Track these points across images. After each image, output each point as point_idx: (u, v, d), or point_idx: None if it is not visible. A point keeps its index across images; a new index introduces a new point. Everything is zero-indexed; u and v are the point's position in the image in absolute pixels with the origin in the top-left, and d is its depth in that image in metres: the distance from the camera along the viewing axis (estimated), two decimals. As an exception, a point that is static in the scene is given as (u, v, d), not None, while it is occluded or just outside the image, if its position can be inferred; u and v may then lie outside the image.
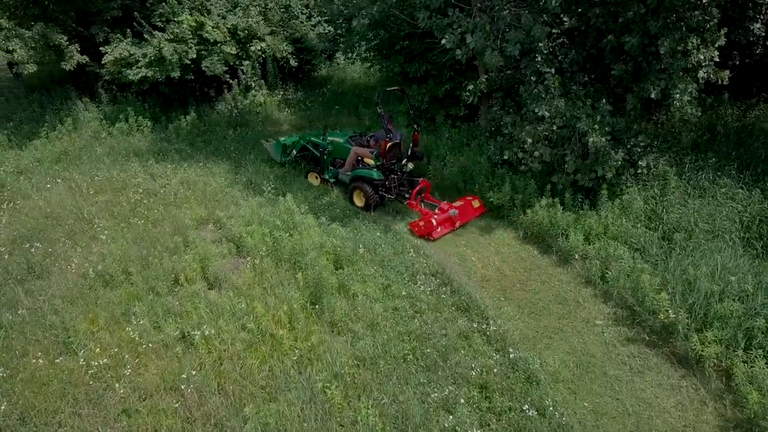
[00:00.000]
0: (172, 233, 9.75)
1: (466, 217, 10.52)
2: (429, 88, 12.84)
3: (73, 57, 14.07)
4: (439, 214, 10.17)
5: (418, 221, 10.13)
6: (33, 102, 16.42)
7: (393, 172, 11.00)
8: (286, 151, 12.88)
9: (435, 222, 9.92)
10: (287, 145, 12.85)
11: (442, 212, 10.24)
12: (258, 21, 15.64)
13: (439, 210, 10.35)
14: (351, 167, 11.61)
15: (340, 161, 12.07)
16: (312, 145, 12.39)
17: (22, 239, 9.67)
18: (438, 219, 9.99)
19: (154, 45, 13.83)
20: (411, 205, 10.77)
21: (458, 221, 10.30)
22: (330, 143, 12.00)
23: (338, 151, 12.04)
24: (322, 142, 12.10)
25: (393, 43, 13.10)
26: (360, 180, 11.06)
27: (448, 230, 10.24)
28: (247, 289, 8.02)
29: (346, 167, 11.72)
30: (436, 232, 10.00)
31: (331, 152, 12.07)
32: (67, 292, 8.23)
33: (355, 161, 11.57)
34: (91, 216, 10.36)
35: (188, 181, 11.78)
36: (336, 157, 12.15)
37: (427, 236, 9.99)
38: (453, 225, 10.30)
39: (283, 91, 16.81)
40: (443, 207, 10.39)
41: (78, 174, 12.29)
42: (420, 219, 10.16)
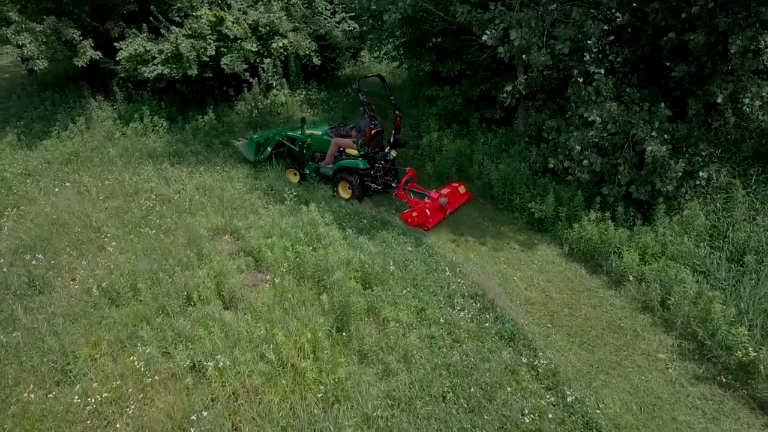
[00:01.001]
0: (186, 244, 9.07)
1: (454, 205, 10.47)
2: (463, 88, 12.04)
3: (86, 53, 13.48)
4: (431, 203, 10.06)
5: (410, 212, 10.05)
6: (45, 100, 15.88)
7: (377, 161, 10.93)
8: (260, 149, 12.41)
9: (429, 212, 9.89)
10: (261, 143, 12.40)
11: (433, 201, 10.11)
12: (280, 17, 14.93)
13: (429, 199, 10.21)
14: (333, 159, 11.39)
15: (318, 155, 11.77)
16: (289, 140, 12.04)
17: (24, 249, 9.05)
18: (431, 208, 9.94)
19: (171, 41, 13.18)
20: (399, 196, 10.72)
21: (448, 209, 10.25)
22: (309, 137, 11.66)
23: (317, 144, 11.72)
24: (300, 135, 11.74)
25: (424, 40, 12.30)
26: (345, 171, 10.97)
27: (440, 219, 10.17)
28: (267, 311, 7.28)
29: (328, 160, 11.47)
30: (430, 222, 9.95)
31: (311, 146, 11.70)
32: (69, 310, 7.59)
33: (337, 153, 11.34)
34: (99, 224, 9.71)
35: (204, 187, 11.10)
36: (315, 151, 11.81)
37: (421, 226, 9.93)
38: (444, 213, 10.24)
39: (305, 90, 16.06)
40: (433, 195, 10.22)
41: (88, 177, 11.68)
42: (412, 209, 10.09)
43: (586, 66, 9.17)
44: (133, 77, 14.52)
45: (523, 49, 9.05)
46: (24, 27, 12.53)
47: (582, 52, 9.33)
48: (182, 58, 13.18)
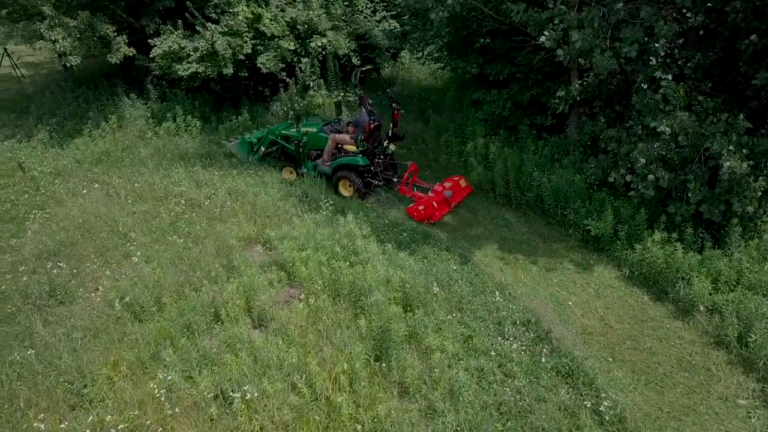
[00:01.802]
0: (215, 254, 8.60)
1: (458, 198, 10.43)
2: (512, 93, 11.32)
3: (119, 49, 13.18)
4: (435, 196, 9.98)
5: (416, 205, 10.00)
6: (79, 97, 15.70)
7: (376, 156, 10.82)
8: (253, 149, 12.22)
9: (436, 205, 9.85)
10: (253, 142, 12.20)
11: (437, 194, 10.03)
12: (319, 14, 14.44)
13: (433, 192, 10.14)
14: (330, 156, 11.20)
15: (315, 153, 11.59)
16: (283, 138, 11.87)
17: (48, 254, 8.70)
18: (438, 201, 9.90)
19: (206, 38, 12.79)
20: (402, 191, 10.63)
21: (452, 202, 10.23)
22: (305, 134, 11.46)
23: (313, 141, 11.51)
24: (295, 134, 11.52)
25: (471, 40, 11.64)
26: (345, 168, 10.83)
27: (446, 212, 10.16)
28: (299, 333, 6.71)
29: (326, 157, 11.27)
30: (436, 215, 9.92)
31: (306, 144, 11.49)
32: (89, 324, 7.14)
33: (335, 150, 11.20)
34: (126, 229, 9.30)
35: (237, 192, 10.62)
36: (311, 149, 11.61)
37: (428, 220, 9.91)
38: (449, 206, 10.22)
39: (343, 92, 15.52)
40: (437, 189, 10.12)
41: (118, 178, 11.33)
42: (417, 203, 10.03)
43: (653, 71, 8.40)
44: (167, 75, 14.20)
45: (585, 52, 8.33)
46: (57, 22, 12.27)
47: (647, 56, 8.56)
48: (218, 56, 12.77)
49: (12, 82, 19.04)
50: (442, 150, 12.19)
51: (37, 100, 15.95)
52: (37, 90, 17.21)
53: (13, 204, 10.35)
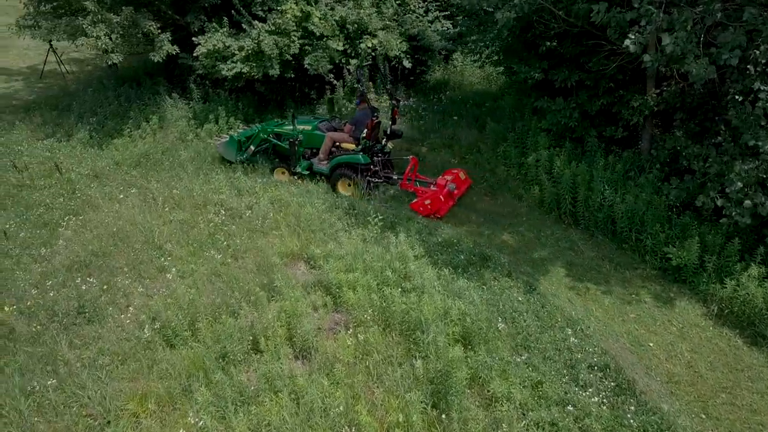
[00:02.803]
0: (255, 272, 8.00)
1: (460, 190, 10.49)
2: (580, 101, 10.41)
3: (163, 47, 12.73)
4: (440, 190, 9.95)
5: (421, 200, 9.89)
6: (121, 95, 15.34)
7: (375, 154, 10.68)
8: (242, 148, 11.69)
9: (443, 198, 9.80)
10: (242, 141, 11.67)
11: (440, 188, 10.02)
12: (370, 14, 13.75)
13: (436, 186, 10.14)
14: (327, 155, 10.96)
15: (309, 152, 11.34)
16: (275, 137, 11.54)
17: (79, 265, 8.22)
18: (444, 195, 9.86)
19: (252, 37, 12.23)
20: (404, 186, 10.48)
21: (456, 195, 10.28)
22: (300, 133, 11.09)
23: (308, 140, 11.23)
24: (290, 132, 11.17)
25: (535, 43, 10.78)
26: (344, 167, 10.61)
27: (451, 205, 10.14)
28: (346, 372, 6.01)
29: (322, 156, 11.00)
30: (443, 209, 9.88)
31: (302, 142, 11.16)
32: (118, 348, 6.60)
33: (333, 148, 10.96)
34: (161, 240, 8.77)
35: (280, 201, 10.01)
36: (305, 147, 11.33)
37: (434, 215, 9.83)
38: (453, 200, 10.22)
39: (391, 95, 14.80)
40: (440, 183, 10.15)
41: (156, 182, 10.84)
42: (422, 198, 9.92)
43: (751, 82, 7.43)
44: (210, 75, 13.71)
45: (677, 58, 7.41)
46: (100, 18, 11.87)
47: (743, 64, 7.59)
48: (263, 56, 12.19)
49: (57, 78, 18.90)
50: (499, 161, 11.36)
51: (79, 98, 15.67)
52: (80, 87, 16.97)
53: (47, 208, 9.94)
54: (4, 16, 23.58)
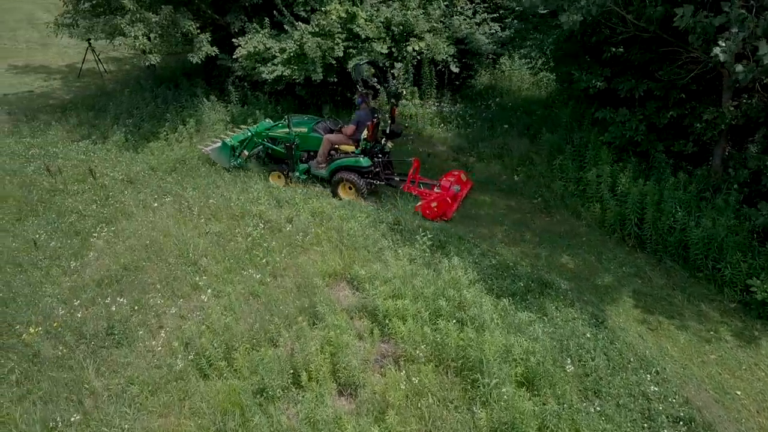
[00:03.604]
0: (296, 292, 7.45)
1: (462, 192, 10.29)
2: (647, 113, 9.61)
3: (202, 48, 12.32)
4: (446, 192, 9.81)
5: (427, 203, 9.64)
6: (158, 96, 15.05)
7: (375, 155, 10.40)
8: (235, 153, 11.35)
9: (450, 200, 9.64)
10: (235, 146, 11.31)
11: (445, 190, 9.88)
12: (417, 15, 13.14)
13: (441, 188, 10.00)
14: (326, 158, 10.66)
15: (305, 155, 11.07)
16: (270, 140, 11.31)
17: (110, 280, 7.78)
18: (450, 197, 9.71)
19: (295, 38, 11.72)
20: (408, 189, 10.24)
21: (459, 196, 10.14)
22: (296, 135, 10.80)
23: (305, 142, 10.93)
24: (286, 135, 10.89)
25: (599, 49, 10.03)
26: (345, 170, 10.33)
27: (455, 208, 9.96)
28: (397, 418, 5.39)
29: (320, 159, 10.68)
30: (449, 211, 9.72)
31: (298, 145, 10.89)
32: (148, 377, 6.11)
33: (332, 151, 10.65)
34: (197, 255, 8.28)
35: (321, 214, 9.46)
36: (302, 150, 11.04)
37: (441, 218, 9.61)
38: (457, 202, 10.09)
39: (437, 101, 14.17)
40: (444, 184, 10.03)
41: (192, 190, 10.40)
42: (428, 201, 9.67)
43: None
44: (249, 77, 13.30)
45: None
46: (139, 17, 11.50)
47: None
48: (306, 58, 11.68)
49: (95, 77, 18.77)
50: (555, 175, 10.61)
51: (116, 99, 15.43)
52: (117, 87, 16.77)
53: (79, 215, 9.57)
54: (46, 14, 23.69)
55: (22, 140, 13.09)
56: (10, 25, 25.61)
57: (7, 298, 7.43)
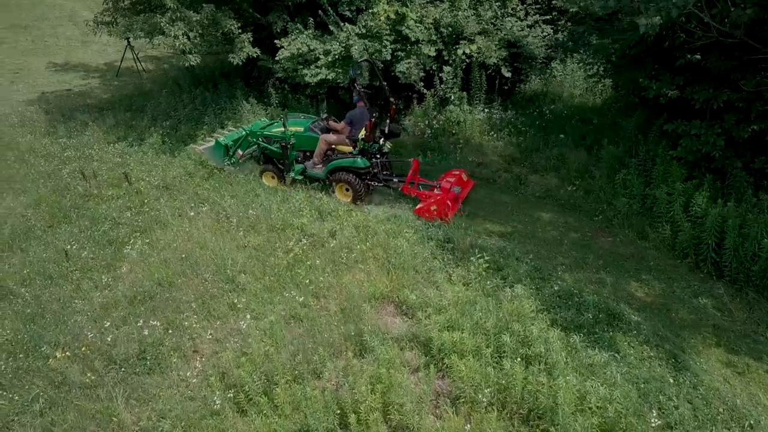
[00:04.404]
0: (340, 317, 6.90)
1: (463, 194, 10.11)
2: (726, 126, 8.79)
3: (243, 48, 11.87)
4: (444, 194, 9.58)
5: (426, 206, 9.43)
6: (196, 98, 14.68)
7: (373, 156, 10.16)
8: (229, 152, 11.10)
9: (450, 204, 9.39)
10: (229, 145, 11.06)
11: (445, 192, 9.68)
12: (468, 16, 12.48)
13: (441, 190, 9.78)
14: (322, 159, 10.41)
15: (301, 155, 10.77)
16: (265, 140, 10.95)
17: (143, 298, 7.31)
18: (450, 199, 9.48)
19: (340, 40, 11.18)
20: (407, 190, 10.04)
21: (460, 198, 9.94)
22: (292, 135, 10.48)
23: (301, 142, 10.61)
24: (281, 134, 10.55)
25: (671, 55, 9.25)
26: (342, 171, 10.12)
27: (456, 209, 9.75)
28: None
29: (317, 160, 10.43)
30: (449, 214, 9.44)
31: (294, 145, 10.58)
32: (181, 411, 5.58)
33: (329, 151, 10.40)
34: (234, 271, 7.77)
35: (366, 229, 8.89)
36: (298, 150, 10.73)
37: (441, 219, 9.29)
38: (458, 203, 9.90)
39: (486, 107, 13.45)
40: (445, 186, 9.81)
41: (230, 198, 9.92)
42: (427, 203, 9.47)
43: None
44: (291, 79, 12.81)
45: None
46: (179, 16, 11.08)
47: None
48: (352, 61, 11.11)
49: (133, 76, 18.57)
50: (618, 191, 9.84)
51: (153, 99, 15.12)
52: (155, 87, 16.47)
53: (114, 223, 9.16)
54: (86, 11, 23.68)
55: (59, 141, 12.82)
56: (52, 22, 25.71)
57: (35, 314, 7.03)
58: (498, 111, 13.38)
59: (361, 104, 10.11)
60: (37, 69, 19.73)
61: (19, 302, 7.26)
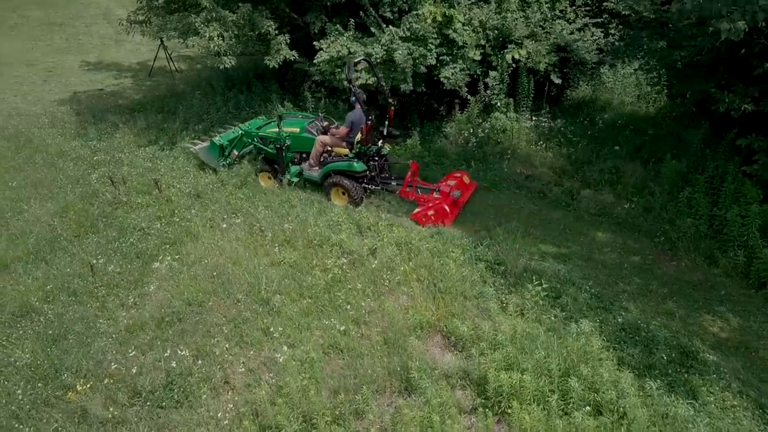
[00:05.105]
0: (384, 348, 6.36)
1: (465, 196, 9.86)
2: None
3: (280, 51, 11.39)
4: (443, 198, 9.31)
5: (424, 210, 9.16)
6: (229, 100, 14.26)
7: (371, 158, 9.93)
8: (224, 153, 10.94)
9: (448, 209, 9.12)
10: (224, 145, 10.90)
11: (445, 196, 9.39)
12: (516, 18, 11.81)
13: (440, 193, 9.52)
14: (318, 161, 10.11)
15: (297, 157, 10.49)
16: (260, 140, 10.65)
17: (171, 319, 6.86)
18: (449, 204, 9.22)
19: (382, 43, 10.59)
20: (404, 194, 9.79)
21: (460, 202, 9.65)
22: (287, 136, 10.19)
23: (296, 143, 10.31)
24: (276, 135, 10.20)
25: (747, 64, 8.49)
26: (338, 175, 9.78)
27: (456, 214, 9.46)
28: None
29: (312, 161, 10.15)
30: (448, 219, 9.18)
31: (289, 147, 10.28)
32: (211, 453, 5.05)
33: (325, 153, 10.10)
34: (269, 292, 7.26)
35: (408, 246, 8.31)
36: (294, 151, 10.44)
37: (440, 224, 9.00)
38: (458, 208, 9.61)
39: (534, 115, 12.75)
40: (444, 190, 9.52)
41: (264, 208, 9.43)
42: (424, 208, 9.21)
43: None
44: (328, 83, 12.28)
45: None
46: (215, 16, 10.62)
47: None
48: (394, 66, 10.53)
49: (166, 76, 18.27)
50: (682, 210, 9.09)
51: (186, 101, 14.73)
52: (187, 88, 16.10)
53: (143, 234, 8.73)
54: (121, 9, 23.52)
55: (89, 143, 12.48)
56: (87, 20, 25.69)
57: (58, 336, 6.60)
58: (546, 119, 12.68)
59: (358, 106, 9.69)
60: (71, 68, 19.58)
61: (42, 321, 6.85)
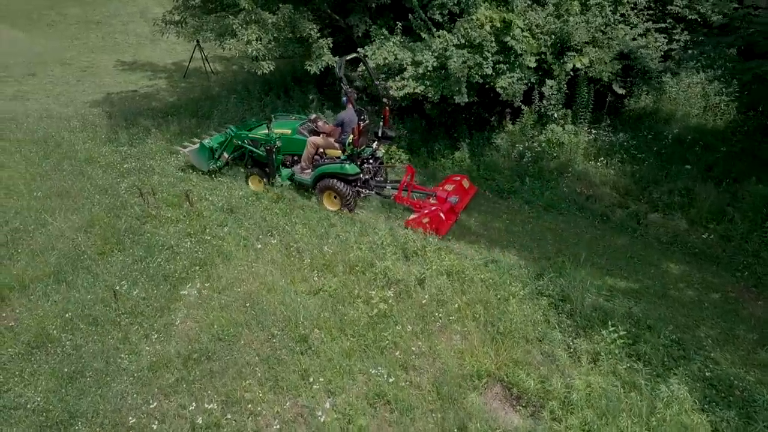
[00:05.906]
0: (435, 398, 5.62)
1: (463, 202, 9.46)
2: None
3: (322, 56, 10.71)
4: (439, 204, 8.94)
5: (418, 217, 8.78)
6: (266, 106, 13.66)
7: (365, 161, 9.59)
8: (214, 155, 10.66)
9: (443, 216, 8.74)
10: (214, 148, 10.62)
11: (441, 201, 9.03)
12: (577, 23, 10.92)
13: (436, 199, 9.15)
14: (310, 163, 9.84)
15: (289, 159, 10.32)
16: (251, 143, 10.33)
17: (199, 356, 6.20)
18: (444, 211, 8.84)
19: (434, 50, 9.82)
20: (399, 199, 9.44)
21: (457, 209, 9.23)
22: (278, 137, 9.92)
23: (288, 145, 10.08)
24: (266, 137, 9.92)
25: None
26: (330, 178, 9.42)
27: (453, 221, 9.07)
28: None
29: (304, 164, 9.92)
30: (444, 227, 8.79)
31: (280, 149, 10.00)
32: None
33: (316, 155, 9.82)
34: (306, 327, 6.55)
35: (460, 275, 7.53)
36: (285, 154, 10.23)
37: (435, 232, 8.61)
38: (456, 214, 9.20)
39: (592, 127, 11.82)
40: (440, 195, 9.17)
41: (302, 227, 8.76)
42: (419, 215, 8.81)
43: None
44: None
45: None
46: (254, 17, 9.99)
47: None
48: (447, 74, 9.74)
49: (201, 78, 17.80)
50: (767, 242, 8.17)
51: (221, 105, 14.19)
52: (223, 91, 15.55)
53: (171, 253, 8.12)
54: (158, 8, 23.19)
55: (119, 149, 11.98)
56: (124, 18, 25.50)
57: (75, 372, 5.99)
58: (606, 132, 11.75)
59: (350, 106, 9.27)
60: (105, 67, 19.29)
61: (58, 353, 6.26)
